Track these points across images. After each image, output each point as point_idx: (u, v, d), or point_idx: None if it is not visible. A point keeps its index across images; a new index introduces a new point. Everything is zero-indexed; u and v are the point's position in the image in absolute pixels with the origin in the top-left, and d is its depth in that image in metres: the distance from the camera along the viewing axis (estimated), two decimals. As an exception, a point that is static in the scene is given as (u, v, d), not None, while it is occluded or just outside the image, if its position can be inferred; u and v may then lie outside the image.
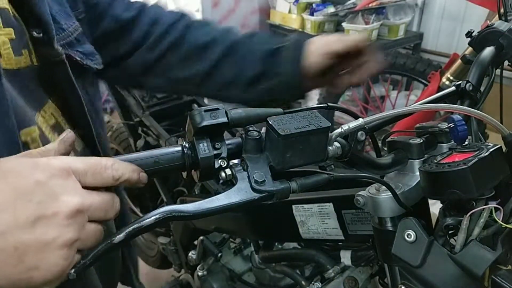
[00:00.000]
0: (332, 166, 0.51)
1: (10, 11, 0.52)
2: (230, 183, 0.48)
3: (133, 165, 0.44)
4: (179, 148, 0.48)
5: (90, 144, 0.69)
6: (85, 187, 0.39)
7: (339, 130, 0.51)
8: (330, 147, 0.51)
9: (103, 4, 0.76)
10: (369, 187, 0.58)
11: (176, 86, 0.84)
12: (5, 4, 0.51)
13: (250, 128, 0.50)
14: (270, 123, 0.47)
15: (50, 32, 0.57)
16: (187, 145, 0.48)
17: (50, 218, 0.35)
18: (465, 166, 0.47)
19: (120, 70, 0.82)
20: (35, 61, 0.57)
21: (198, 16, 3.05)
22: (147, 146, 1.52)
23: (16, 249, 0.34)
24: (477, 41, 0.76)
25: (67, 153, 0.45)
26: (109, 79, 0.94)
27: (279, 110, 0.51)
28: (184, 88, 0.86)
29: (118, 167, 0.42)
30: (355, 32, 2.51)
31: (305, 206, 0.81)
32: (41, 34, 0.56)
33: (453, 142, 0.60)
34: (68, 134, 0.46)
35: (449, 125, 0.59)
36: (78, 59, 0.65)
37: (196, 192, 1.36)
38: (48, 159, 0.38)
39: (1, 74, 0.48)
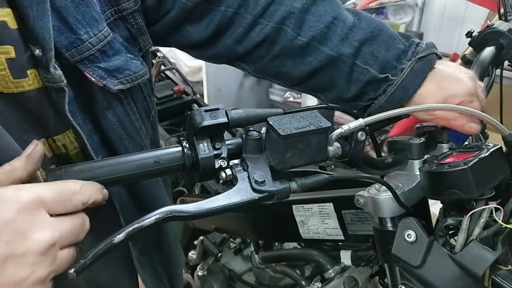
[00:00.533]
0: (332, 166, 0.51)
1: (10, 25, 0.43)
2: (230, 183, 0.48)
3: (96, 184, 0.42)
4: (179, 148, 0.48)
5: None
6: (55, 215, 0.37)
7: (339, 130, 0.51)
8: (330, 147, 0.51)
9: None
10: (369, 187, 0.58)
11: (265, 76, 0.72)
12: (4, 17, 0.43)
13: (250, 128, 0.50)
14: (270, 123, 0.47)
15: (48, 53, 0.45)
16: (187, 145, 0.48)
17: (20, 257, 0.34)
18: (465, 166, 0.47)
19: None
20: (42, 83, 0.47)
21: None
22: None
23: None
24: (477, 41, 0.76)
25: (35, 171, 0.41)
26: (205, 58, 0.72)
27: (279, 110, 0.51)
28: (275, 79, 0.73)
29: (85, 191, 0.40)
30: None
31: (305, 206, 0.81)
32: (41, 53, 0.45)
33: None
34: (36, 147, 0.41)
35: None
36: (94, 80, 0.51)
37: (196, 192, 1.36)
38: (15, 191, 0.35)
39: None
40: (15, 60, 0.44)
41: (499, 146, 0.52)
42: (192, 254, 1.24)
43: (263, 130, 0.50)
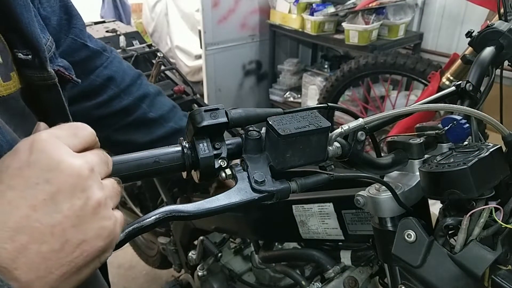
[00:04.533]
0: (332, 166, 0.51)
1: None
2: (230, 183, 0.48)
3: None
4: (179, 148, 0.48)
5: None
6: (79, 150, 0.37)
7: (339, 130, 0.51)
8: (330, 147, 0.51)
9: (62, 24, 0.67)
10: (369, 187, 0.58)
11: (106, 145, 0.76)
12: None
13: (250, 128, 0.50)
14: (270, 123, 0.47)
15: (41, 54, 0.50)
16: (187, 145, 0.48)
17: (67, 188, 0.33)
18: (465, 166, 0.47)
19: None
20: (20, 82, 0.51)
21: (198, 16, 3.06)
22: (147, 146, 1.52)
23: (52, 234, 0.32)
24: (477, 41, 0.76)
25: None
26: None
27: (279, 110, 0.51)
28: (113, 148, 0.82)
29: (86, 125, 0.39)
30: (355, 32, 2.51)
31: (305, 206, 0.81)
32: (30, 56, 0.49)
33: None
34: (42, 125, 0.43)
35: (445, 127, 0.59)
36: (67, 74, 0.58)
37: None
38: (26, 140, 0.35)
39: None
40: (2, 64, 0.46)
41: (499, 146, 0.52)
42: (192, 254, 1.24)
43: (263, 130, 0.50)
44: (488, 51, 0.73)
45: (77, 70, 0.64)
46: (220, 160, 0.47)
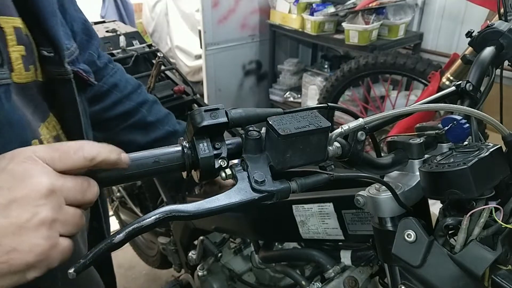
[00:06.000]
0: (332, 166, 0.51)
1: (23, 30, 0.56)
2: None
3: (111, 146, 0.44)
4: (179, 148, 0.48)
5: None
6: (58, 172, 0.40)
7: (339, 130, 0.51)
8: (330, 147, 0.51)
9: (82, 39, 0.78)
10: (369, 187, 0.58)
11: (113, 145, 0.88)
12: (19, 24, 0.55)
13: (250, 128, 0.50)
14: (270, 123, 0.47)
15: (61, 53, 0.61)
16: (187, 145, 0.48)
17: (21, 200, 0.36)
18: (465, 166, 0.47)
19: None
20: (40, 77, 0.60)
21: (198, 16, 3.06)
22: (147, 146, 1.52)
23: None
24: (477, 41, 0.76)
25: None
26: None
27: (279, 110, 0.51)
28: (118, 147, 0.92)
29: (90, 148, 0.41)
30: (355, 32, 2.51)
31: (305, 206, 0.81)
32: (52, 54, 0.59)
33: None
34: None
35: (445, 127, 0.59)
36: (84, 75, 0.69)
37: (196, 192, 1.36)
38: (15, 150, 0.39)
39: (10, 88, 0.51)
40: (25, 57, 0.55)
41: (499, 146, 0.52)
42: (192, 254, 1.24)
43: (263, 130, 0.49)
44: (488, 51, 0.73)
45: None
46: (220, 160, 0.47)
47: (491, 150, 0.50)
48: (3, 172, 0.37)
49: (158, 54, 1.54)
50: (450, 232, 0.52)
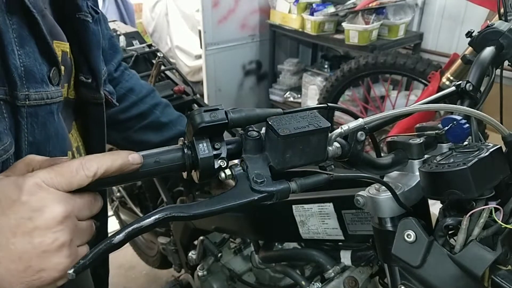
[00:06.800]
0: (332, 166, 0.51)
1: (68, 54, 0.63)
2: (230, 183, 0.48)
3: (116, 152, 0.45)
4: (180, 148, 0.48)
5: None
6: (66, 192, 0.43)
7: (339, 130, 0.51)
8: (330, 147, 0.51)
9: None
10: (369, 187, 0.58)
11: (127, 144, 1.00)
12: (67, 48, 0.63)
13: (250, 128, 0.50)
14: (270, 123, 0.47)
15: (99, 81, 0.68)
16: (187, 145, 0.48)
17: (42, 228, 0.41)
18: (465, 166, 0.47)
19: None
20: (71, 94, 0.67)
21: (198, 16, 3.06)
22: (147, 146, 1.51)
23: (20, 258, 0.40)
24: (477, 41, 0.76)
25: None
26: None
27: (279, 110, 0.51)
28: (133, 147, 0.98)
29: (90, 165, 0.43)
30: (355, 32, 2.51)
31: (305, 206, 0.81)
32: (90, 80, 0.67)
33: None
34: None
35: (445, 127, 0.59)
36: (110, 97, 0.78)
37: (196, 193, 1.36)
38: (24, 178, 0.42)
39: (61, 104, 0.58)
40: (64, 75, 0.61)
41: (499, 146, 0.52)
42: (192, 254, 1.24)
43: (263, 130, 0.49)
44: (488, 51, 0.73)
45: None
46: (219, 160, 0.47)
47: (491, 150, 0.50)
48: (20, 204, 0.40)
49: (158, 54, 1.54)
50: (450, 232, 0.52)
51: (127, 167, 0.45)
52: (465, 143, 0.59)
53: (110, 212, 2.03)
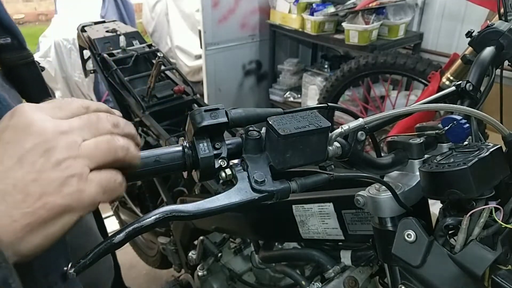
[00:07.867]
0: (332, 166, 0.51)
1: None
2: (230, 183, 0.48)
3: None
4: (180, 148, 0.48)
5: None
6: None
7: (339, 130, 0.51)
8: (330, 147, 0.51)
9: None
10: (369, 187, 0.58)
11: None
12: None
13: (250, 128, 0.50)
14: (270, 123, 0.47)
15: (19, 37, 0.60)
16: (187, 145, 0.48)
17: (32, 148, 0.36)
18: (465, 166, 0.47)
19: None
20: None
21: (198, 16, 3.06)
22: (147, 146, 1.52)
23: (15, 186, 0.35)
24: (477, 41, 0.76)
25: None
26: None
27: (279, 110, 0.51)
28: None
29: (81, 100, 0.41)
30: (355, 32, 2.51)
31: (305, 206, 0.81)
32: (9, 40, 0.59)
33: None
34: None
35: (445, 127, 0.59)
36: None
37: (196, 192, 1.36)
38: (13, 108, 0.38)
39: None
40: None
41: (499, 146, 0.52)
42: (192, 254, 1.24)
43: (263, 130, 0.49)
44: (488, 51, 0.73)
45: None
46: (220, 160, 0.47)
47: (491, 150, 0.50)
48: (7, 128, 0.37)
49: (158, 54, 1.54)
50: (450, 232, 0.52)
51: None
52: (465, 143, 0.59)
53: (110, 212, 2.04)
